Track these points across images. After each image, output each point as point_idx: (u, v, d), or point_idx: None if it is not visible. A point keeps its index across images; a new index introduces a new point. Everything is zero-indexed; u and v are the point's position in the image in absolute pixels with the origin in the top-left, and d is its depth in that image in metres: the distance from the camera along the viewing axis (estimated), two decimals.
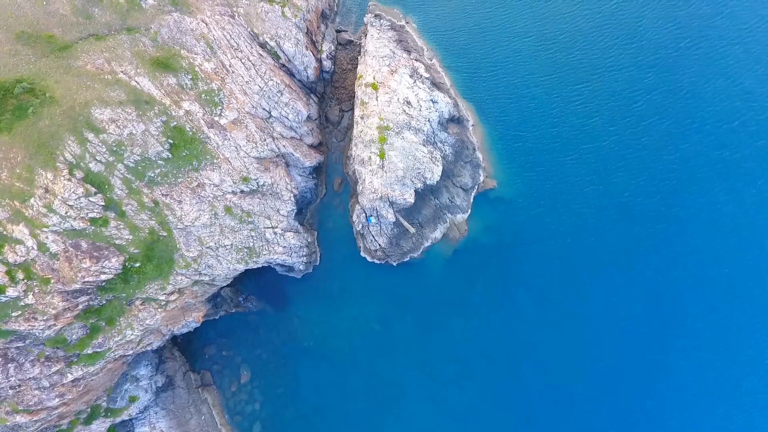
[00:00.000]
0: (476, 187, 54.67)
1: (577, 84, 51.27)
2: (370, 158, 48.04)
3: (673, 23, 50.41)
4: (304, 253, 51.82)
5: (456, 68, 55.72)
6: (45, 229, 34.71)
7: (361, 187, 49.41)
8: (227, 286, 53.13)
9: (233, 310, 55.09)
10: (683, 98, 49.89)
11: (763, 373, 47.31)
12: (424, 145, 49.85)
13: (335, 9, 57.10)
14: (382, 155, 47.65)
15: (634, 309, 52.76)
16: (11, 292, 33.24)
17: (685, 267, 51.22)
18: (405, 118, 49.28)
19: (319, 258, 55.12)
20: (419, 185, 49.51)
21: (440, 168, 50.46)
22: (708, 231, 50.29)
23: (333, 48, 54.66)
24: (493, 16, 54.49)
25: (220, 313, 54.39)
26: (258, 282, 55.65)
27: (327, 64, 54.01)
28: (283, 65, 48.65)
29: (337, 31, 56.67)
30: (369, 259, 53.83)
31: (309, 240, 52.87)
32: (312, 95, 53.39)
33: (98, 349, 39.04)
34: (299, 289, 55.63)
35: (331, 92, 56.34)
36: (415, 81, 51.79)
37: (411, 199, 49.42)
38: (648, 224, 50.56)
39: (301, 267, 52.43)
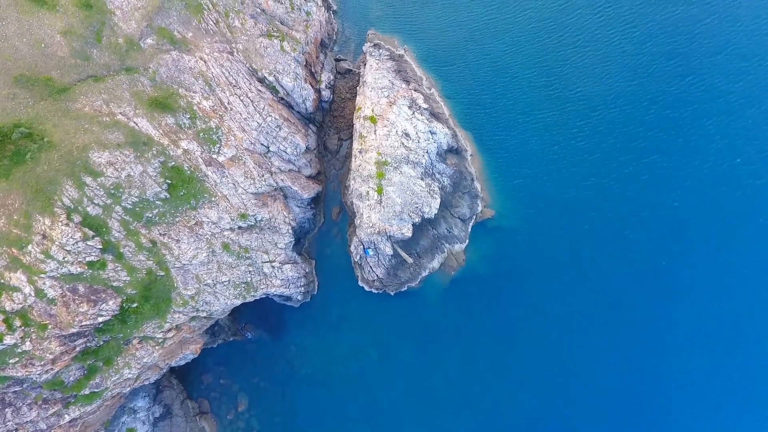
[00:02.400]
0: (474, 217, 54.70)
1: (578, 120, 51.13)
2: (368, 193, 48.09)
3: (676, 59, 50.20)
4: (302, 284, 51.94)
5: (455, 98, 55.63)
6: (42, 275, 34.81)
7: (359, 221, 49.48)
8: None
9: (231, 339, 55.33)
10: (685, 135, 49.76)
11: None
12: (422, 179, 49.86)
13: (334, 38, 57.02)
14: (380, 191, 47.68)
15: (632, 343, 52.88)
16: (9, 340, 33.38)
17: (685, 305, 51.26)
18: (403, 152, 49.28)
19: (317, 287, 55.25)
20: (417, 219, 49.57)
21: (438, 201, 50.48)
22: (708, 269, 50.35)
23: (332, 77, 54.62)
24: (493, 48, 54.22)
25: (218, 341, 54.61)
26: (256, 310, 55.79)
27: (326, 93, 53.99)
28: (282, 98, 48.64)
29: (336, 60, 56.58)
30: (367, 288, 53.99)
31: (307, 270, 52.98)
32: (310, 125, 53.40)
33: (95, 390, 39.21)
34: (297, 318, 55.80)
35: (329, 121, 56.34)
36: (413, 112, 51.75)
37: (408, 234, 49.49)
38: (648, 261, 50.65)
39: (299, 297, 52.59)
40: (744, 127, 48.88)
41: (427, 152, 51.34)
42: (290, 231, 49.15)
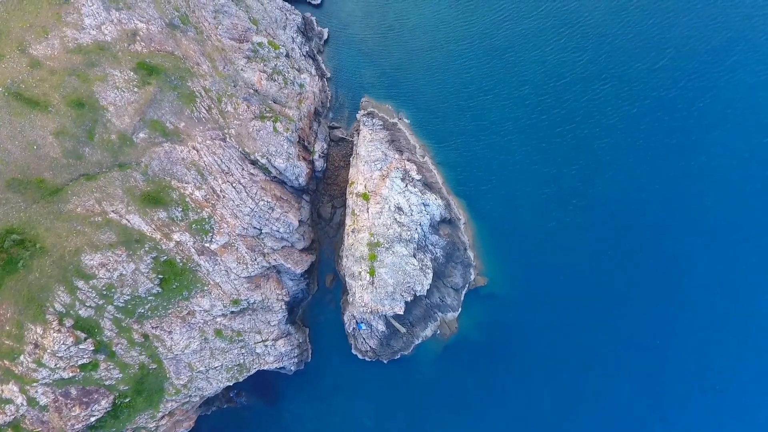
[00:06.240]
0: (467, 285, 54.96)
1: (574, 196, 51.55)
2: (360, 274, 48.33)
3: (673, 137, 50.67)
4: (295, 354, 52.20)
5: (448, 165, 55.76)
6: (35, 384, 35.13)
7: (351, 299, 49.74)
8: None
9: (225, 406, 55.63)
10: (682, 212, 50.35)
11: None
12: (414, 256, 50.06)
13: (328, 105, 57.07)
14: (372, 272, 47.92)
15: (626, 403, 53.52)
16: None
17: (679, 361, 52.11)
18: (396, 230, 49.47)
19: (310, 354, 55.51)
20: (409, 298, 49.82)
21: (430, 277, 50.73)
22: (702, 324, 51.36)
23: (325, 146, 54.76)
24: (489, 117, 54.40)
25: (212, 408, 54.90)
26: (250, 378, 55.79)
27: (319, 163, 54.09)
28: (275, 177, 48.79)
29: (330, 128, 56.67)
30: (360, 356, 54.31)
31: (300, 340, 53.20)
32: (304, 196, 53.54)
33: None
34: (291, 384, 56.06)
35: (323, 188, 56.50)
36: (406, 185, 51.88)
37: (401, 311, 49.78)
38: (641, 331, 51.49)
39: (292, 368, 52.88)
40: (741, 204, 49.37)
41: (420, 225, 51.54)
42: (283, 306, 49.39)
